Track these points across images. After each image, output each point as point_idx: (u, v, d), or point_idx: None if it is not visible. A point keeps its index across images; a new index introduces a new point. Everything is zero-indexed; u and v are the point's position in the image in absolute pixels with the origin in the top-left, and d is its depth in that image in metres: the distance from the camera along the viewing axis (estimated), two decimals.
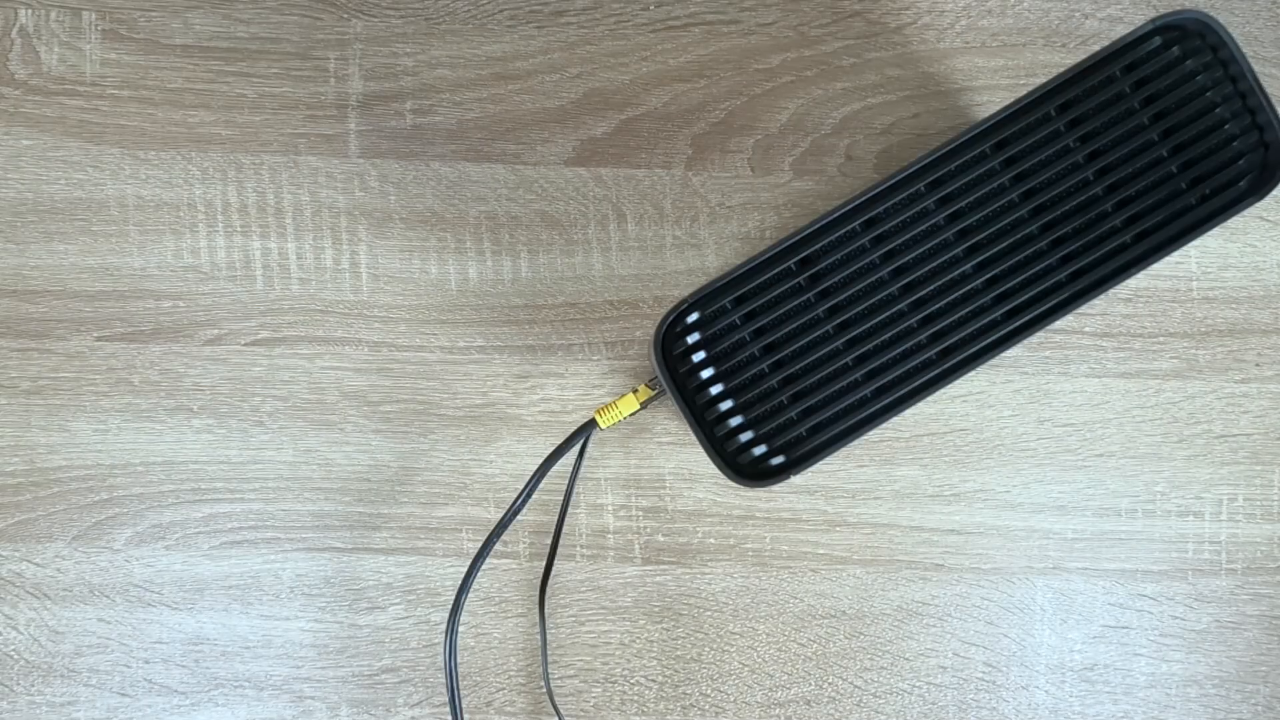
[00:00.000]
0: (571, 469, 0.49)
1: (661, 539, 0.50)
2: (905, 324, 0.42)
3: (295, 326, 0.50)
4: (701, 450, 0.43)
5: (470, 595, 0.49)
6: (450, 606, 0.47)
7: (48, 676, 0.50)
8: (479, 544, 0.49)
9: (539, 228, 0.50)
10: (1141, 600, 0.51)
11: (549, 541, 0.50)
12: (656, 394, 0.46)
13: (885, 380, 0.42)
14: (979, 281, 0.42)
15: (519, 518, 0.49)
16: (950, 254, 0.42)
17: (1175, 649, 0.51)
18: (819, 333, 0.42)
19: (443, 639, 0.50)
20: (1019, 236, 0.42)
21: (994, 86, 0.51)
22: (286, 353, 0.50)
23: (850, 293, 0.42)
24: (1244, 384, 0.51)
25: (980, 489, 0.51)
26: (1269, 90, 0.41)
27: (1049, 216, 0.42)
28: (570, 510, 0.50)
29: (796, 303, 0.42)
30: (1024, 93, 0.42)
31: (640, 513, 0.50)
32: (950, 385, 0.42)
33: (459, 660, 0.50)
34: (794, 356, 0.42)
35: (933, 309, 0.42)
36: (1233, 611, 0.51)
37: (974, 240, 0.42)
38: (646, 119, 0.51)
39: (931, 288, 0.42)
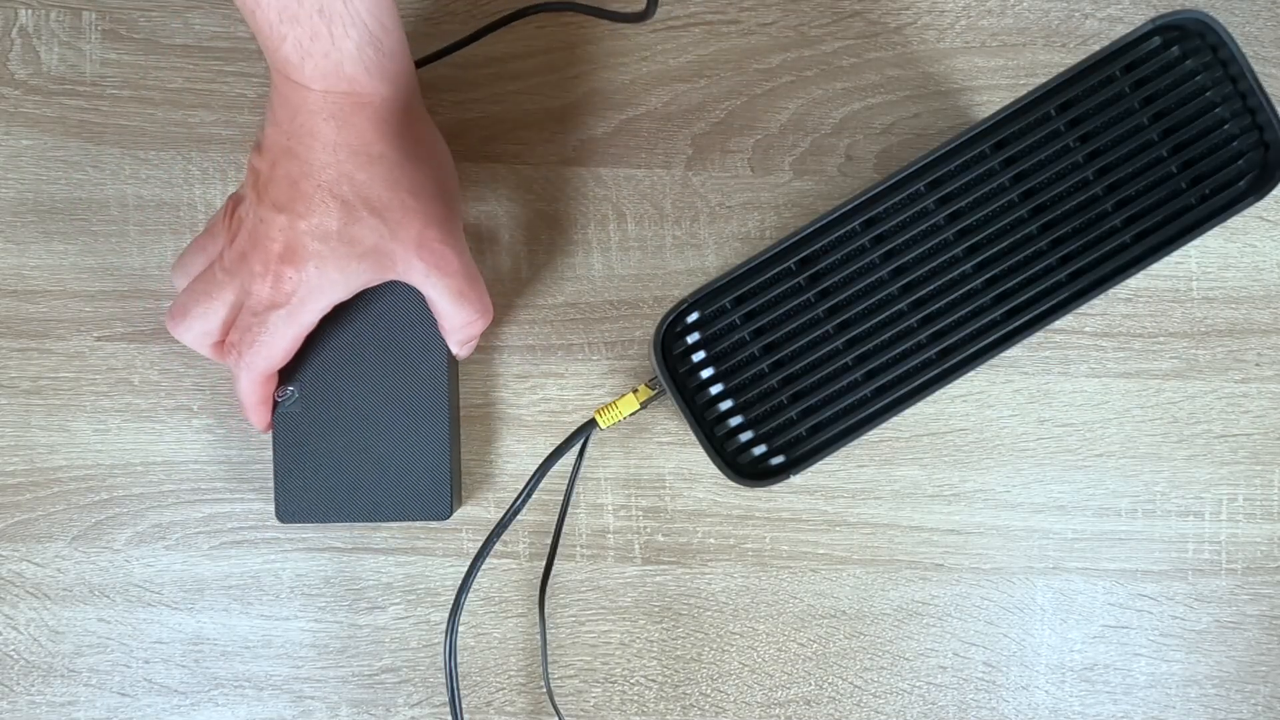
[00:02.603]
0: (571, 469, 0.49)
1: (661, 539, 0.50)
2: (905, 324, 0.42)
3: None
4: (701, 450, 0.43)
5: (470, 595, 0.49)
6: (450, 606, 0.47)
7: (48, 676, 0.50)
8: (479, 544, 0.49)
9: (539, 228, 0.50)
10: (1141, 600, 0.51)
11: (549, 541, 0.50)
12: (656, 394, 0.46)
13: (885, 380, 0.42)
14: (979, 281, 0.42)
15: (519, 518, 0.49)
16: (950, 254, 0.42)
17: (1175, 649, 0.51)
18: (819, 332, 0.42)
19: (443, 639, 0.50)
20: (1019, 236, 0.42)
21: (994, 86, 0.51)
22: None
23: (850, 292, 0.42)
24: (1244, 384, 0.51)
25: (980, 489, 0.51)
26: (1269, 90, 0.41)
27: (1049, 216, 0.42)
28: (570, 510, 0.50)
29: (796, 302, 0.42)
30: (1024, 93, 0.42)
31: (640, 513, 0.50)
32: (950, 385, 0.42)
33: (459, 660, 0.50)
34: (794, 356, 0.42)
35: (932, 309, 0.42)
36: (1233, 611, 0.51)
37: (974, 240, 0.42)
38: (646, 119, 0.51)
39: (931, 287, 0.42)
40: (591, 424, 0.47)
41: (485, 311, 0.45)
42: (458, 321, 0.44)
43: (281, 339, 0.42)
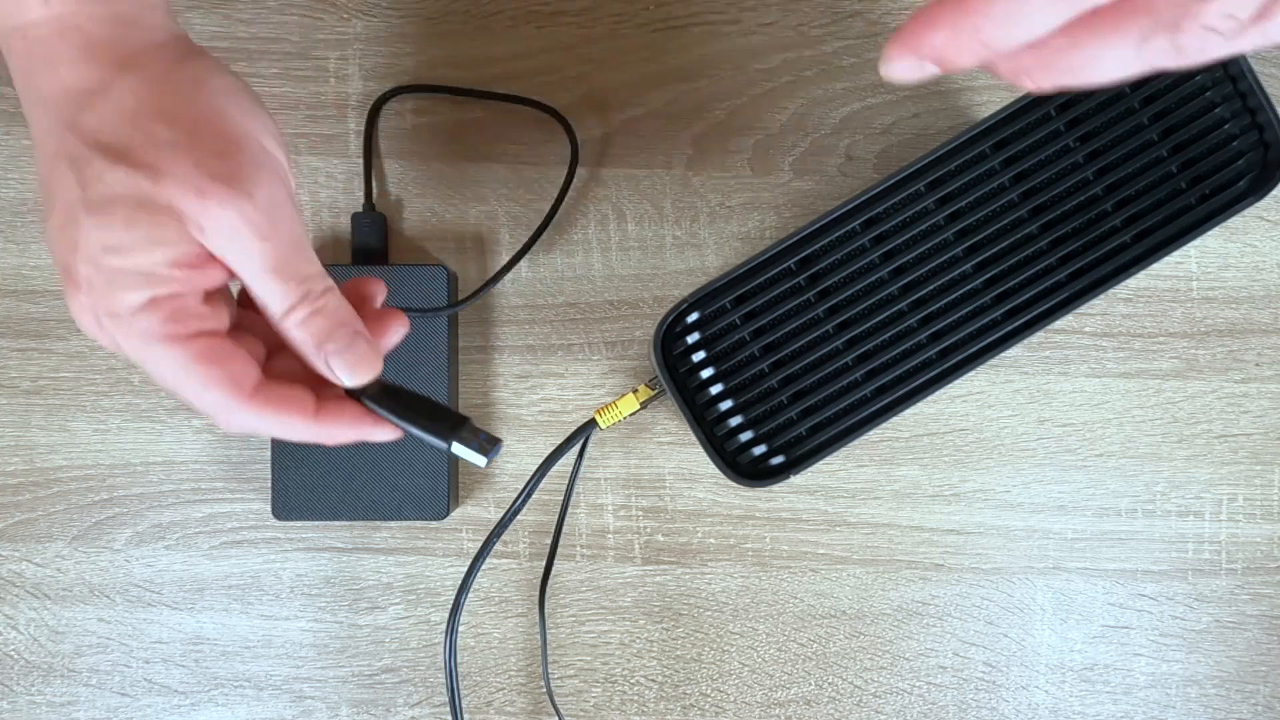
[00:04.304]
0: (571, 469, 0.49)
1: (661, 539, 0.50)
2: (905, 324, 0.42)
3: None
4: (701, 450, 0.43)
5: (470, 595, 0.49)
6: (450, 606, 0.47)
7: (48, 676, 0.50)
8: (479, 544, 0.49)
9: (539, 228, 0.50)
10: (1141, 600, 0.51)
11: (549, 541, 0.50)
12: (656, 394, 0.46)
13: (885, 380, 0.42)
14: (979, 281, 0.42)
15: (519, 518, 0.49)
16: (950, 254, 0.42)
17: (1175, 649, 0.51)
18: (819, 332, 0.42)
19: (443, 639, 0.50)
20: (1019, 236, 0.42)
21: (994, 86, 0.51)
22: None
23: (850, 292, 0.42)
24: (1244, 384, 0.51)
25: (980, 489, 0.51)
26: (1269, 90, 0.41)
27: (1048, 216, 0.42)
28: (570, 510, 0.50)
29: (796, 302, 0.42)
30: (1024, 93, 0.42)
31: (640, 513, 0.50)
32: (950, 385, 0.42)
33: (459, 660, 0.50)
34: (794, 356, 0.42)
35: (932, 309, 0.42)
36: (1233, 611, 0.51)
37: (973, 240, 0.42)
38: (646, 119, 0.51)
39: (931, 287, 0.42)
40: (591, 424, 0.47)
41: (306, 286, 0.31)
42: (275, 304, 0.31)
43: (159, 367, 0.30)
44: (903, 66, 0.25)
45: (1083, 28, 0.23)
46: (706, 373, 0.42)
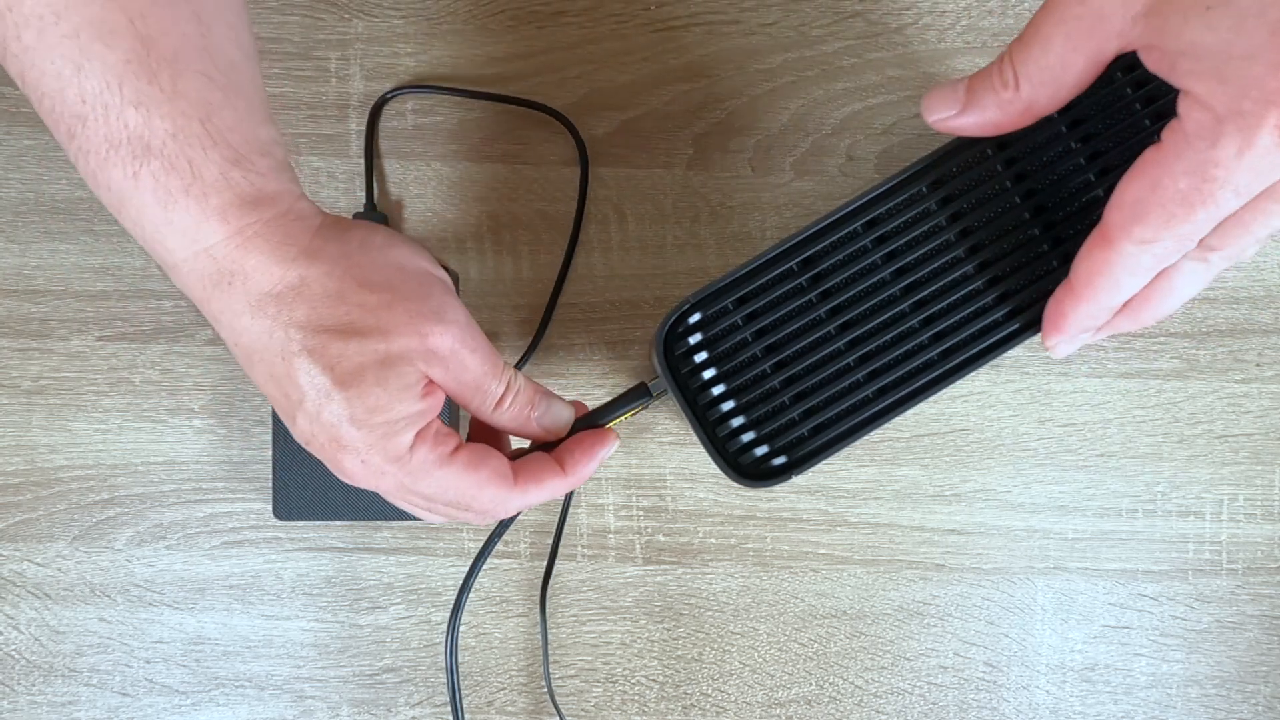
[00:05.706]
0: None
1: (662, 539, 0.50)
2: (907, 324, 0.42)
3: None
4: (703, 450, 0.43)
5: (471, 595, 0.49)
6: (451, 606, 0.47)
7: (49, 676, 0.50)
8: (480, 544, 0.49)
9: (539, 228, 0.50)
10: (1142, 600, 0.51)
11: (550, 541, 0.50)
12: (658, 394, 0.46)
13: (887, 381, 0.42)
14: (981, 281, 0.42)
15: (519, 518, 0.49)
16: (952, 254, 0.42)
17: (1175, 649, 0.51)
18: (821, 333, 0.42)
19: (444, 639, 0.50)
20: (1021, 237, 0.42)
21: None
22: None
23: (852, 293, 0.42)
24: (1244, 384, 0.51)
25: (980, 489, 0.51)
26: None
27: (1051, 217, 0.42)
28: (571, 510, 0.50)
29: (798, 303, 0.42)
30: None
31: (641, 513, 0.50)
32: (952, 385, 0.42)
33: (460, 660, 0.50)
34: (796, 357, 0.42)
35: (935, 309, 0.42)
36: (1233, 611, 0.51)
37: (976, 240, 0.42)
38: (647, 119, 0.51)
39: (933, 288, 0.42)
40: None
41: (506, 376, 0.38)
42: (489, 400, 0.37)
43: (443, 487, 0.35)
44: (1065, 347, 0.38)
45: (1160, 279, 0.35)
46: (709, 373, 0.42)
